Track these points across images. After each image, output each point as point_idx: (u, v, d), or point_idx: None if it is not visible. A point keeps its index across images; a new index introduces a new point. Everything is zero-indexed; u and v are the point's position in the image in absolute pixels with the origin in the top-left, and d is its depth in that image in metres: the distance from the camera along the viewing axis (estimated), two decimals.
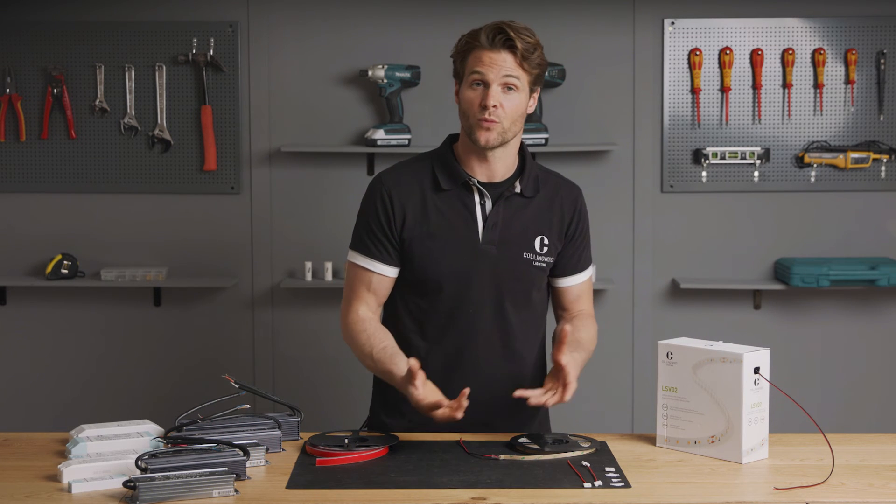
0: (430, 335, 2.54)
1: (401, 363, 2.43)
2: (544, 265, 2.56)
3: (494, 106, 2.43)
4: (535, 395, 2.37)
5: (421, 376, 2.32)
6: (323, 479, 2.13)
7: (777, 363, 2.43)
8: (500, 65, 2.43)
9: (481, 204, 2.52)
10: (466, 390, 2.30)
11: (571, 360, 2.39)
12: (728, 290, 4.29)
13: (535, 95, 2.53)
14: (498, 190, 2.53)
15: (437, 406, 2.32)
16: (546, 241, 2.55)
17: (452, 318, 2.52)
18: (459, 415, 2.30)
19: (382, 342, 2.50)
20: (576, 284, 2.64)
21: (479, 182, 2.52)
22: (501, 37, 2.43)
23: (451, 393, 2.41)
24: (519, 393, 2.37)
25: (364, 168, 4.26)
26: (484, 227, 2.51)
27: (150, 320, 4.33)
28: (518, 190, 2.53)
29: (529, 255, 2.54)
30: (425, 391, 2.33)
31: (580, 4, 4.24)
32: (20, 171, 4.28)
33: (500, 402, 2.51)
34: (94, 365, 4.34)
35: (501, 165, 2.53)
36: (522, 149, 2.59)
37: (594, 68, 4.26)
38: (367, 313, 2.55)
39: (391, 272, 2.55)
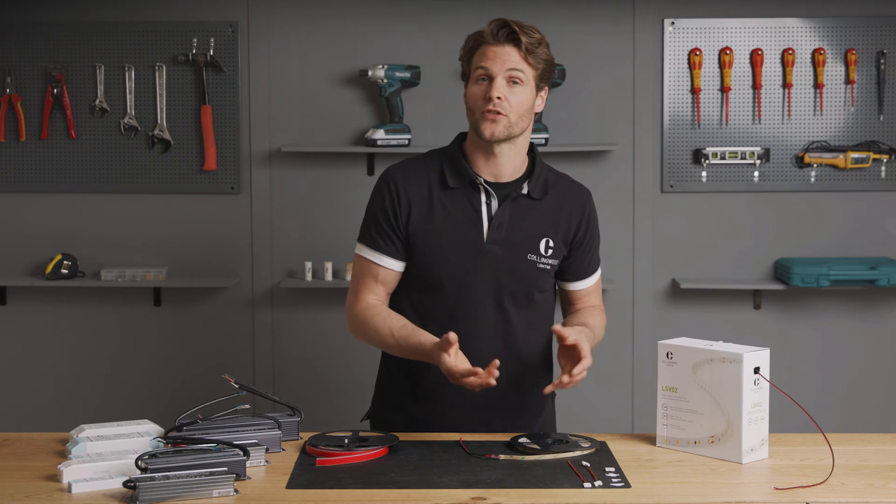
0: (433, 331, 2.52)
1: (426, 335, 2.45)
2: (549, 267, 2.56)
3: (499, 98, 2.42)
4: (555, 383, 2.40)
5: (455, 347, 2.35)
6: (323, 479, 2.13)
7: (777, 363, 2.43)
8: (504, 58, 2.43)
9: (487, 203, 2.52)
10: (496, 361, 2.33)
11: (580, 335, 2.41)
12: (728, 290, 4.28)
13: (543, 94, 2.53)
14: (505, 190, 2.53)
15: (470, 373, 2.33)
16: (552, 244, 2.55)
17: (454, 316, 2.52)
18: (493, 381, 2.32)
19: (401, 321, 2.51)
20: (584, 287, 2.68)
21: (486, 181, 2.52)
22: (505, 30, 2.44)
23: (453, 392, 2.44)
24: (549, 388, 2.41)
25: (364, 168, 4.26)
26: (489, 226, 2.51)
27: (150, 320, 4.33)
28: (525, 191, 2.53)
29: (534, 257, 2.54)
30: (457, 359, 2.35)
31: (580, 4, 4.24)
32: (20, 171, 4.28)
33: (500, 400, 2.53)
34: (93, 365, 4.34)
35: (508, 165, 2.52)
36: (532, 150, 2.59)
37: (594, 68, 4.26)
38: (377, 301, 2.56)
39: (397, 266, 2.55)
